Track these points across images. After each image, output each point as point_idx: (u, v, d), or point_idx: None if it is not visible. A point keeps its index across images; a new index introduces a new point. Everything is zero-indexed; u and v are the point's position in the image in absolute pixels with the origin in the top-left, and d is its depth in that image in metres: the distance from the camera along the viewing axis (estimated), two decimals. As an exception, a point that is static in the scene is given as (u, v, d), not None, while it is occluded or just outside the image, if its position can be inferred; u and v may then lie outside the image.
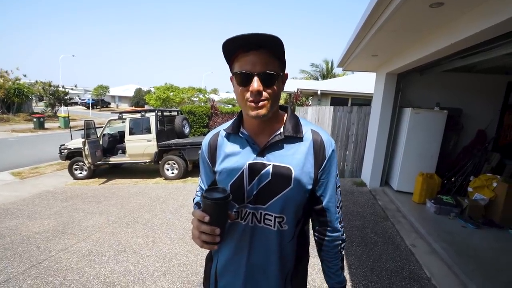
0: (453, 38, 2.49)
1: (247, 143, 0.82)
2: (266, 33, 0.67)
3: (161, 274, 2.50)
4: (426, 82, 4.74)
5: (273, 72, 0.72)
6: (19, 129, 14.26)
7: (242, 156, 0.82)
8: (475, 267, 2.52)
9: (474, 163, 4.27)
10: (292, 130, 0.80)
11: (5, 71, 17.83)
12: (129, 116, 6.24)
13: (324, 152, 0.81)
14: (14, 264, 2.67)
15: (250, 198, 0.80)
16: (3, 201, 4.56)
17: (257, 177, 0.79)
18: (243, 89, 0.73)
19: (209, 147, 0.89)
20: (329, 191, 0.83)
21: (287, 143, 0.81)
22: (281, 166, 0.78)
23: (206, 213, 0.69)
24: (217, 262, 0.88)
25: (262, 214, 0.80)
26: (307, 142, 0.81)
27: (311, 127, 0.84)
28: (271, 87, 0.73)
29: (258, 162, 0.79)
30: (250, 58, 0.71)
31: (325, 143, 0.82)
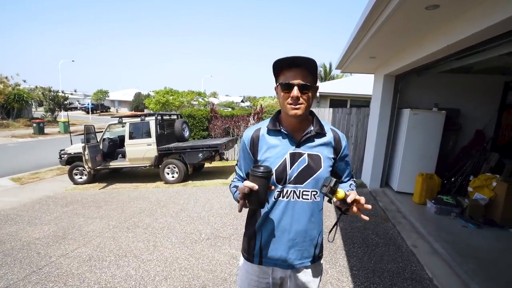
0: (450, 40, 2.52)
1: (287, 137, 1.07)
2: (304, 56, 0.94)
3: (162, 279, 2.50)
4: (424, 83, 4.77)
5: (308, 84, 0.98)
6: (19, 134, 14.26)
7: (283, 147, 1.06)
8: (476, 267, 2.52)
9: (473, 163, 4.28)
10: (319, 128, 1.09)
11: (5, 77, 17.88)
12: (129, 121, 6.25)
13: (341, 144, 1.13)
14: (15, 270, 2.66)
15: (291, 179, 1.04)
16: (3, 207, 4.55)
17: (296, 163, 1.04)
18: (286, 95, 1.00)
19: (251, 139, 1.11)
20: (347, 170, 1.20)
21: (316, 137, 1.08)
22: (314, 154, 1.06)
23: (254, 182, 0.89)
24: (262, 236, 1.10)
25: (300, 192, 1.05)
26: (329, 137, 1.10)
27: (330, 127, 1.15)
28: (306, 94, 0.99)
29: (297, 152, 1.05)
30: (292, 73, 0.98)
31: (341, 138, 1.14)
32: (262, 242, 1.09)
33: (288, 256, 1.07)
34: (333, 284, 2.39)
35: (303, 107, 0.99)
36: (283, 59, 0.97)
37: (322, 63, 20.05)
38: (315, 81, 1.02)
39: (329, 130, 1.12)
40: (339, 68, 5.62)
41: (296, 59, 0.96)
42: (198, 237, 3.30)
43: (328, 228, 2.54)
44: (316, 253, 1.13)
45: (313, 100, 1.04)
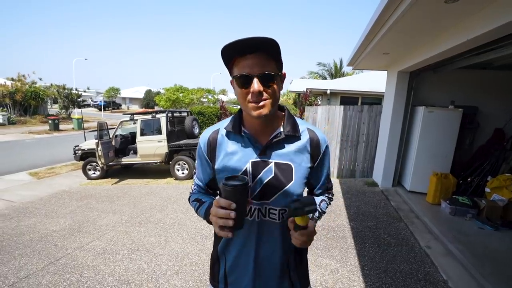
0: (470, 34, 2.42)
1: (249, 142, 0.86)
2: (260, 36, 0.70)
3: (173, 273, 2.54)
4: (440, 80, 4.62)
5: (271, 72, 0.76)
6: (36, 130, 14.75)
7: (244, 155, 0.86)
8: (493, 270, 2.44)
9: (492, 163, 4.13)
10: (291, 129, 0.86)
11: (22, 75, 18.50)
12: (140, 117, 6.36)
13: (319, 148, 0.90)
14: (34, 261, 2.77)
15: (254, 194, 0.84)
16: (22, 200, 4.73)
17: (260, 174, 0.84)
18: (244, 91, 0.77)
19: (208, 144, 0.91)
20: (322, 180, 0.96)
21: (287, 141, 0.87)
22: (283, 163, 0.85)
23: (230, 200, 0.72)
24: (226, 261, 0.92)
25: (267, 209, 0.86)
26: (304, 140, 0.88)
27: (307, 126, 0.92)
28: (270, 87, 0.77)
29: (261, 160, 0.84)
30: (247, 62, 0.75)
31: (320, 141, 0.91)
32: (226, 267, 0.92)
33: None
34: (344, 283, 2.37)
35: (268, 103, 0.77)
36: (232, 43, 0.72)
37: (332, 60, 19.73)
38: (280, 67, 0.80)
39: (305, 131, 0.89)
40: (351, 65, 5.51)
41: (248, 42, 0.71)
42: (208, 233, 3.33)
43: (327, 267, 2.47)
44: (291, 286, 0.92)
45: (280, 91, 0.82)
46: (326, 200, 0.99)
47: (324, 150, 0.91)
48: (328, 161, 0.95)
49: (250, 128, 0.87)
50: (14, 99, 17.09)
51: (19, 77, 18.26)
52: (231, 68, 0.79)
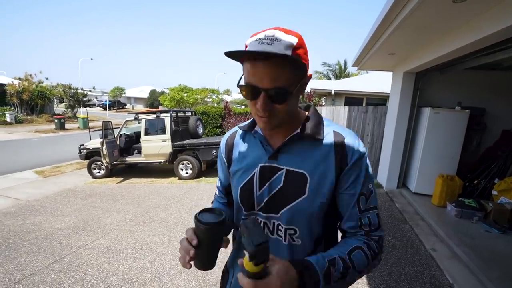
0: (478, 34, 2.38)
1: (261, 144, 0.75)
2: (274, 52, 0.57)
3: (177, 273, 2.54)
4: (447, 81, 4.56)
5: (283, 88, 0.60)
6: (42, 129, 14.94)
7: (254, 158, 0.75)
8: (501, 274, 2.40)
9: (499, 165, 4.06)
10: (311, 130, 0.70)
11: (29, 75, 18.75)
12: (145, 117, 6.40)
13: (346, 158, 0.68)
14: (39, 259, 2.80)
15: (261, 205, 0.73)
16: (28, 198, 4.79)
17: (268, 182, 0.72)
18: (251, 102, 0.65)
19: (226, 146, 0.85)
20: (350, 208, 0.68)
21: (304, 145, 0.71)
22: (295, 171, 0.69)
23: (196, 235, 0.64)
24: (233, 275, 0.83)
25: (275, 225, 0.72)
26: (327, 145, 0.69)
27: (335, 128, 0.73)
28: (282, 103, 0.63)
29: (270, 166, 0.72)
30: (257, 70, 0.60)
31: (348, 147, 0.68)
32: (233, 283, 0.82)
33: None
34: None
35: (275, 118, 0.65)
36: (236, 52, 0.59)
37: (337, 60, 19.66)
38: (299, 75, 0.63)
39: (330, 134, 0.71)
40: (356, 66, 5.48)
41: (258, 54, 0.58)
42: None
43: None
44: None
45: (298, 99, 0.69)
46: (364, 249, 0.65)
47: (355, 161, 0.67)
48: (363, 180, 0.68)
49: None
50: (21, 98, 17.32)
51: (26, 77, 18.51)
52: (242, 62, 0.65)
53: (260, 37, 0.60)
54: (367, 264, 0.65)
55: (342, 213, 0.71)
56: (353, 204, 0.68)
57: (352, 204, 0.68)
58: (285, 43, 0.59)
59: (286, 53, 0.58)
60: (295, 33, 0.63)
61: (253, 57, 0.60)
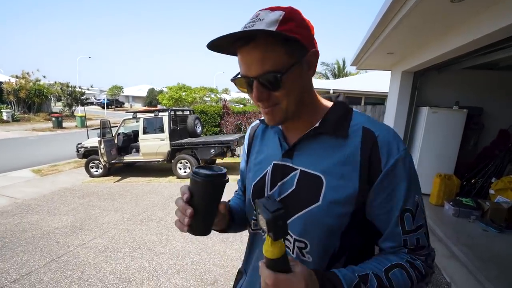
0: (476, 34, 2.38)
1: (278, 139, 0.66)
2: (242, 30, 0.50)
3: (175, 272, 2.54)
4: (445, 80, 4.57)
5: (273, 72, 0.51)
6: (39, 128, 14.84)
7: (269, 154, 0.67)
8: (498, 273, 2.41)
9: (496, 164, 4.08)
10: (332, 124, 0.59)
11: (26, 73, 18.62)
12: (143, 116, 6.37)
13: (380, 160, 0.54)
14: (36, 258, 2.78)
15: None
16: (25, 197, 4.76)
17: (280, 182, 0.63)
18: (250, 95, 0.57)
19: (248, 137, 0.78)
20: (391, 223, 0.55)
21: (324, 143, 0.59)
22: (310, 173, 0.58)
23: (190, 191, 0.58)
24: (245, 280, 0.74)
25: None
26: (352, 143, 0.57)
27: (365, 123, 0.58)
28: (279, 89, 0.54)
29: (283, 164, 0.63)
30: (243, 59, 0.54)
31: (381, 148, 0.54)
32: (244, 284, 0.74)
33: None
34: (346, 284, 2.35)
35: (278, 110, 0.56)
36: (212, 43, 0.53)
37: (335, 60, 19.68)
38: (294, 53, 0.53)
39: (358, 130, 0.58)
40: (354, 65, 5.48)
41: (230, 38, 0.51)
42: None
43: None
44: None
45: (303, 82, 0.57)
46: (407, 269, 0.54)
47: (392, 167, 0.54)
48: (405, 192, 0.55)
49: None
50: (18, 97, 17.21)
51: (23, 75, 18.38)
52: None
53: (245, 23, 0.54)
54: (409, 286, 0.54)
55: (379, 229, 0.59)
56: (394, 222, 0.56)
57: (393, 222, 0.56)
58: (268, 20, 0.51)
59: (269, 30, 0.49)
60: (284, 7, 0.54)
61: (238, 45, 0.54)
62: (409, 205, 0.56)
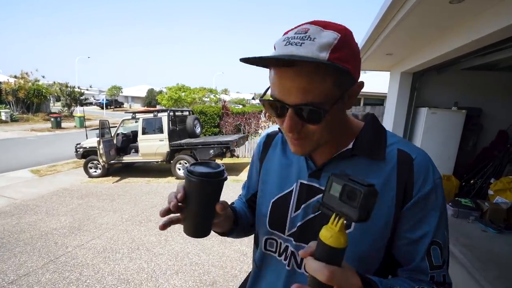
0: (475, 35, 2.39)
1: (303, 157, 0.60)
2: (300, 55, 0.43)
3: (173, 273, 2.53)
4: (444, 81, 4.59)
5: (317, 105, 0.46)
6: (38, 128, 14.81)
7: (294, 171, 0.61)
8: (497, 274, 2.40)
9: (495, 165, 4.08)
10: (368, 147, 0.55)
11: (25, 73, 18.60)
12: (142, 116, 6.36)
13: (412, 187, 0.51)
14: (34, 259, 2.77)
15: (293, 230, 0.59)
16: (23, 198, 4.74)
17: (303, 204, 0.58)
18: (279, 120, 0.51)
19: (264, 144, 0.71)
20: (419, 255, 0.51)
21: (357, 166, 0.55)
22: None
23: (184, 190, 0.53)
24: None
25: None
26: (388, 167, 0.53)
27: (400, 145, 0.55)
28: (314, 124, 0.48)
29: (309, 185, 0.58)
30: (282, 82, 0.46)
31: (416, 172, 0.51)
32: None
33: None
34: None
35: (309, 142, 0.51)
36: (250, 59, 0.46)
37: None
38: (342, 85, 0.47)
39: (394, 152, 0.54)
40: (354, 65, 5.50)
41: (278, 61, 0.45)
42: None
43: None
44: None
45: (344, 112, 0.55)
46: None
47: (426, 194, 0.51)
48: (437, 222, 0.52)
49: None
50: (17, 97, 17.18)
51: (22, 75, 18.37)
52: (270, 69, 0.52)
53: (289, 36, 0.46)
54: None
55: (399, 261, 0.54)
56: (421, 255, 0.51)
57: (420, 254, 0.51)
58: (320, 43, 0.44)
59: (320, 57, 0.43)
60: (338, 26, 0.46)
61: (277, 63, 0.47)
62: (438, 238, 0.52)
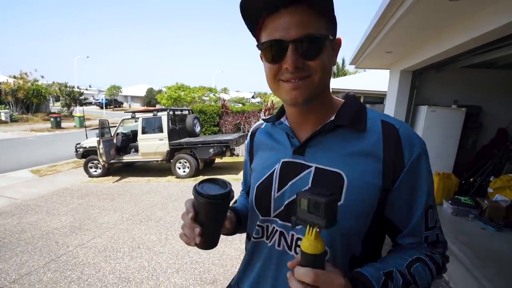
0: (474, 33, 2.39)
1: (286, 135, 0.61)
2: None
3: (174, 271, 2.54)
4: (443, 79, 4.59)
5: (318, 35, 0.49)
6: (38, 128, 14.81)
7: (277, 152, 0.62)
8: (496, 271, 2.42)
9: (495, 163, 4.09)
10: (350, 118, 0.55)
11: (24, 73, 18.57)
12: (142, 116, 6.36)
13: (402, 156, 0.52)
14: (35, 258, 2.78)
15: (279, 210, 0.58)
16: (24, 197, 4.75)
17: (290, 181, 0.57)
18: (274, 67, 0.52)
19: (250, 138, 0.75)
20: (414, 219, 0.54)
21: (341, 138, 0.56)
22: (328, 170, 0.54)
23: (194, 209, 0.56)
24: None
25: (294, 238, 0.56)
26: (373, 137, 0.54)
27: (383, 117, 0.57)
28: (316, 58, 0.49)
29: (295, 162, 0.58)
30: (281, 21, 0.49)
31: (404, 141, 0.53)
32: None
33: None
34: (345, 283, 2.36)
35: (309, 83, 0.51)
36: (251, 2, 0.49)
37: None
38: (332, 27, 0.53)
39: (377, 124, 0.56)
40: (353, 64, 5.49)
41: None
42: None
43: None
44: None
45: (332, 65, 0.55)
46: (427, 262, 0.53)
47: (415, 160, 0.53)
48: (427, 186, 0.55)
49: (291, 119, 0.62)
50: (16, 97, 17.16)
51: (22, 75, 18.34)
52: (258, 33, 0.54)
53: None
54: (430, 280, 0.53)
55: (396, 223, 0.56)
56: (417, 219, 0.54)
57: (416, 218, 0.54)
58: None
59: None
60: None
61: (274, 7, 0.49)
62: (430, 201, 0.56)
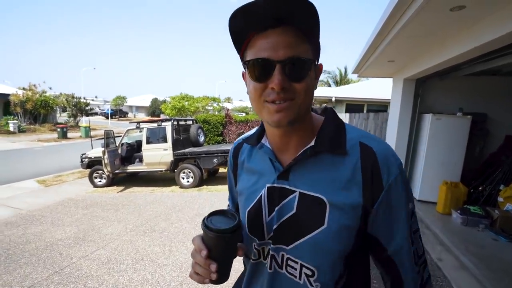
0: (477, 41, 2.40)
1: (270, 158, 0.61)
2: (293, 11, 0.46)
3: (177, 284, 2.50)
4: (448, 87, 4.57)
5: (304, 58, 0.49)
6: (44, 138, 15.03)
7: (262, 176, 0.63)
8: (509, 284, 2.33)
9: (504, 171, 4.01)
10: (329, 142, 0.56)
11: (33, 85, 19.02)
12: (146, 126, 6.43)
13: (381, 178, 0.53)
14: (38, 270, 2.76)
15: (271, 234, 0.59)
16: (29, 208, 4.77)
17: (277, 207, 0.59)
18: (259, 86, 0.51)
19: (233, 155, 0.73)
20: (397, 236, 0.54)
21: (322, 162, 0.56)
22: (311, 195, 0.55)
23: (205, 245, 0.55)
24: None
25: (284, 258, 0.58)
26: (352, 161, 0.54)
27: (361, 139, 0.56)
28: (302, 80, 0.50)
29: (280, 187, 0.59)
30: (269, 41, 0.48)
31: (381, 164, 0.53)
32: None
33: None
34: (353, 296, 2.29)
35: (293, 106, 0.51)
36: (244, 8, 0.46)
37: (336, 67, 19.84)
38: (316, 52, 0.53)
39: (356, 146, 0.56)
40: (356, 73, 5.52)
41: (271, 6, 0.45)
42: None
43: None
44: None
45: (313, 89, 0.55)
46: None
47: (393, 183, 0.53)
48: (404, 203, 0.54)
49: (272, 141, 0.61)
50: (24, 108, 17.53)
51: (30, 87, 18.78)
52: (244, 50, 0.53)
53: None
54: None
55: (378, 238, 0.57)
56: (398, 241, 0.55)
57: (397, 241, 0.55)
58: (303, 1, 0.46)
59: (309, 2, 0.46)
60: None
61: (262, 26, 0.49)
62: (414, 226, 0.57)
